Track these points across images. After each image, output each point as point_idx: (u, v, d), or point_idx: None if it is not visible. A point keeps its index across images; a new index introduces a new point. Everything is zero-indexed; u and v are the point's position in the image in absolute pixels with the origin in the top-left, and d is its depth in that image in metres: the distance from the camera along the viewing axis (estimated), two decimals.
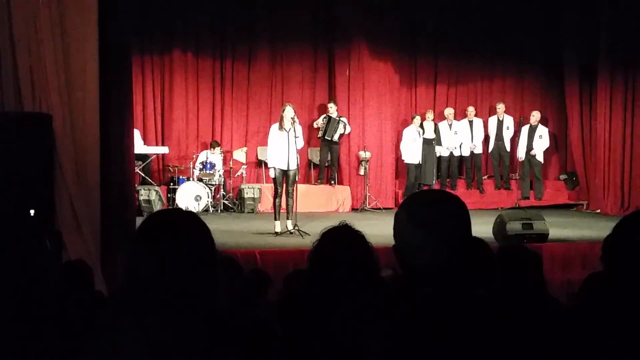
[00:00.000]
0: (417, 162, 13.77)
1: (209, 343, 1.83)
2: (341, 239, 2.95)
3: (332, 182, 13.80)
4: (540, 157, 14.08)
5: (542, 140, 14.07)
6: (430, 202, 2.04)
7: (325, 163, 13.83)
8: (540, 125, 14.14)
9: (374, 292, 2.73)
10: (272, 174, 9.91)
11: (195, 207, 12.04)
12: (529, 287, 3.56)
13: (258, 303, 4.23)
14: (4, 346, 2.38)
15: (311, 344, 2.55)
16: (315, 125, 13.58)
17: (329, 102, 13.77)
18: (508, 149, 14.37)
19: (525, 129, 14.08)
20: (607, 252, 2.40)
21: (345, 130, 13.58)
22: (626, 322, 2.20)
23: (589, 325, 2.43)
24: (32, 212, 6.87)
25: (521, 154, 14.05)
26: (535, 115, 14.15)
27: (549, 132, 14.30)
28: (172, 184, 12.93)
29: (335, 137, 13.52)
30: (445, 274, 1.90)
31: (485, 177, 14.67)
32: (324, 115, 13.69)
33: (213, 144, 13.34)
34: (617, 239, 2.31)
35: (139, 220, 3.03)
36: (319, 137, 13.58)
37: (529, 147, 14.01)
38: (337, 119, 13.50)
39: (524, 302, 3.31)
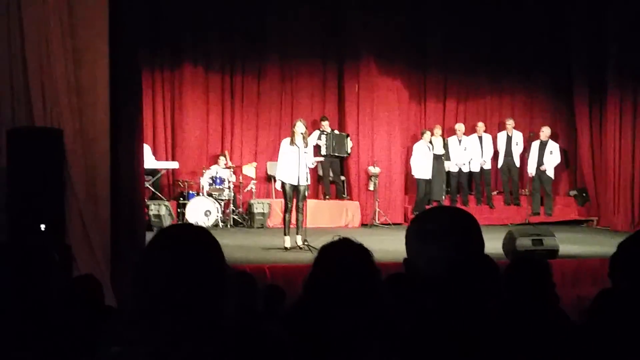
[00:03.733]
0: (427, 178, 13.76)
1: (218, 356, 1.83)
2: (341, 253, 2.96)
3: (344, 195, 13.79)
4: (550, 173, 14.03)
5: (552, 156, 14.02)
6: (439, 217, 2.06)
7: (329, 178, 13.82)
8: (550, 141, 14.10)
9: (377, 304, 2.73)
10: (278, 186, 9.98)
11: (204, 222, 12.05)
12: (541, 301, 3.55)
13: (272, 317, 4.22)
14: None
15: (316, 356, 2.56)
16: (315, 143, 13.23)
17: (321, 120, 13.75)
18: (517, 164, 14.33)
19: (535, 145, 14.05)
20: (614, 268, 2.39)
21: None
22: (636, 338, 2.19)
23: (600, 342, 2.42)
24: (42, 226, 6.90)
25: (531, 169, 14.01)
26: (545, 131, 14.11)
27: (559, 147, 14.26)
28: (181, 198, 12.95)
29: (349, 150, 13.56)
30: (454, 289, 1.91)
31: (495, 192, 14.63)
32: (318, 131, 13.63)
33: (223, 154, 13.38)
34: (623, 256, 2.31)
35: (148, 235, 3.04)
36: (324, 155, 13.45)
37: (539, 163, 13.96)
38: (345, 135, 13.54)
39: (534, 316, 3.30)
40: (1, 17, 7.36)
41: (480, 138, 14.30)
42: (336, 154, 13.51)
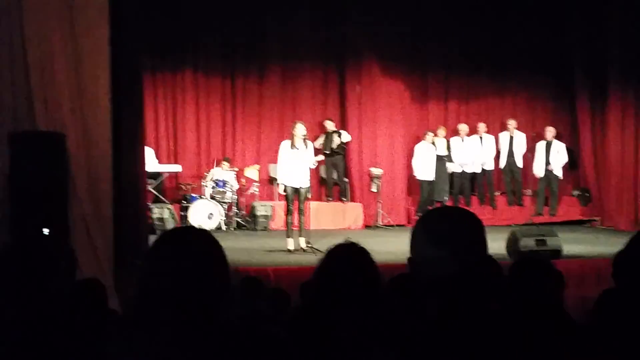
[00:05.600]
0: (430, 179, 13.75)
1: (221, 357, 1.84)
2: (346, 256, 2.97)
3: (344, 198, 13.79)
4: (558, 173, 13.99)
5: (559, 156, 13.97)
6: (447, 218, 2.07)
7: (332, 179, 13.83)
8: (555, 141, 14.05)
9: (379, 308, 2.74)
10: (281, 190, 10.00)
11: (207, 225, 12.04)
12: (543, 302, 3.54)
13: (277, 320, 4.23)
14: None
15: (320, 358, 2.56)
16: (317, 147, 13.46)
17: (325, 121, 13.78)
18: (520, 165, 14.31)
19: (541, 145, 14.01)
20: (618, 268, 2.39)
21: (342, 138, 13.60)
22: (638, 337, 2.19)
23: (604, 342, 2.42)
24: (46, 230, 6.90)
25: (539, 170, 13.95)
26: (551, 131, 14.06)
27: (565, 147, 14.23)
28: (184, 202, 12.94)
29: (333, 147, 13.50)
30: (458, 289, 1.91)
31: (498, 193, 14.61)
32: (323, 134, 13.71)
33: (226, 159, 13.38)
34: (628, 256, 2.31)
35: (152, 239, 3.05)
36: (326, 155, 13.54)
37: (547, 163, 13.92)
38: (332, 131, 13.51)
39: (537, 316, 3.29)
40: (3, 22, 7.37)
41: (481, 139, 14.30)
42: (326, 151, 13.49)
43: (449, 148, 14.12)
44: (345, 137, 13.74)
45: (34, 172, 7.03)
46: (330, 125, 13.58)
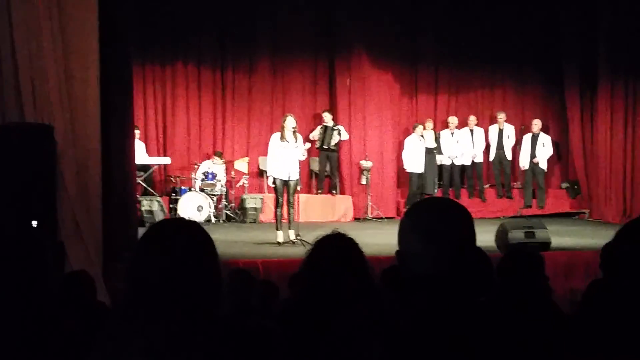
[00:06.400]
0: (419, 171, 13.76)
1: (212, 352, 1.83)
2: (334, 246, 2.97)
3: (334, 191, 13.79)
4: (543, 165, 14.06)
5: (545, 148, 14.05)
6: (435, 210, 2.02)
7: (325, 172, 13.83)
8: (542, 133, 14.13)
9: (369, 298, 2.74)
10: (270, 182, 10.00)
11: (197, 217, 12.03)
12: (533, 294, 3.56)
13: (266, 312, 4.24)
14: (7, 357, 2.38)
15: (310, 352, 2.56)
16: (311, 138, 13.53)
17: (323, 112, 13.76)
18: (509, 157, 14.36)
19: (527, 138, 14.08)
20: (605, 259, 2.41)
21: (341, 137, 13.57)
22: (625, 328, 2.20)
23: (591, 333, 2.44)
24: (34, 223, 6.87)
25: (524, 162, 14.03)
26: (537, 124, 14.14)
27: (551, 140, 14.29)
28: (174, 194, 12.93)
29: (332, 144, 13.49)
30: (447, 282, 1.90)
31: (487, 185, 14.65)
32: (320, 125, 13.69)
33: (217, 154, 13.35)
34: (616, 247, 2.32)
35: (141, 231, 3.04)
36: (317, 148, 13.58)
37: (532, 156, 13.99)
38: (332, 126, 13.49)
39: (526, 309, 3.31)
40: None
41: (471, 131, 14.33)
42: (324, 147, 13.49)
43: (438, 140, 14.14)
44: (345, 135, 13.69)
45: (22, 164, 6.98)
46: (328, 118, 13.53)
